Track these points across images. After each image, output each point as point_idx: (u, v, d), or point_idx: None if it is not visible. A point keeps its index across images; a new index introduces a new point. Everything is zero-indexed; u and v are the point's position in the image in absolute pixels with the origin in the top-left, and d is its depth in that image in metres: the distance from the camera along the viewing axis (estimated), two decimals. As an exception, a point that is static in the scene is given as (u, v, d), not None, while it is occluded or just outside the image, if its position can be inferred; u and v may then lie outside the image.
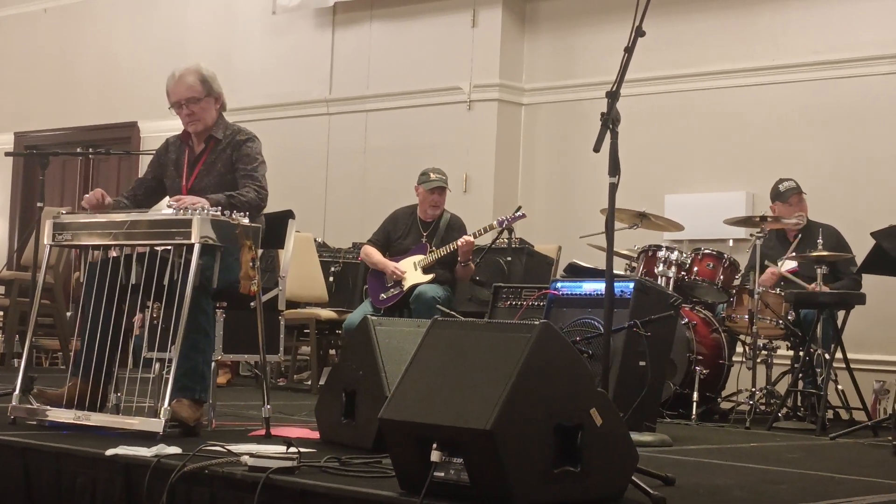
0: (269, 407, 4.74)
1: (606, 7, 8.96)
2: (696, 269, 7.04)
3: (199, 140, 5.12)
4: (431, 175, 7.49)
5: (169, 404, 4.35)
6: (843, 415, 6.93)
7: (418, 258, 7.36)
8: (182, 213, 4.49)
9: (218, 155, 5.07)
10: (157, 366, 4.81)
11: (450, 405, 3.13)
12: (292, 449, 3.55)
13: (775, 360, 7.03)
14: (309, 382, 8.33)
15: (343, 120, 10.21)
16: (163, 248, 4.57)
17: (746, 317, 6.84)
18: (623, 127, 4.09)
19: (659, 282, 6.82)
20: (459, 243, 7.18)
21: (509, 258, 7.69)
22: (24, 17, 12.66)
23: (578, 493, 3.17)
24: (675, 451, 4.97)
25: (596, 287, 5.43)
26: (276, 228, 5.23)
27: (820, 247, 6.71)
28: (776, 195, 7.38)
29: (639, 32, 4.14)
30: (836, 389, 6.82)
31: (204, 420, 4.76)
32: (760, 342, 6.84)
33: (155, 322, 4.79)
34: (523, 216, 7.37)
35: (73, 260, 8.85)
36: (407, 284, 7.28)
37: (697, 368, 6.72)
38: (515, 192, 9.40)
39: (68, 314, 8.82)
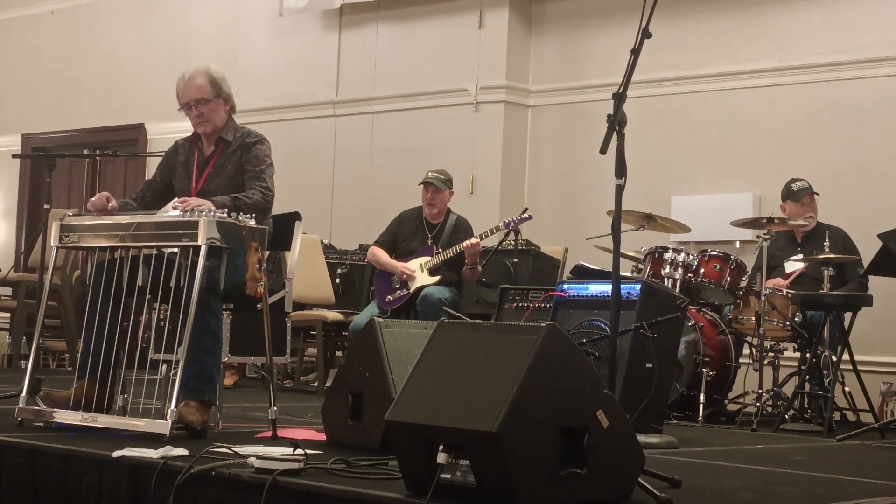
0: (275, 409, 4.75)
1: (613, 9, 8.96)
2: (702, 270, 7.03)
3: (208, 142, 5.12)
4: (429, 174, 7.50)
5: (176, 406, 4.35)
6: (850, 417, 6.92)
7: (424, 260, 7.37)
8: (188, 214, 4.49)
9: (228, 157, 5.06)
10: (164, 367, 4.81)
11: (456, 407, 3.13)
12: (299, 451, 3.55)
13: (782, 362, 7.02)
14: (315, 384, 8.33)
15: (349, 122, 10.21)
16: (169, 249, 4.58)
17: (753, 318, 6.83)
18: (629, 128, 4.09)
19: (665, 283, 6.81)
20: (465, 245, 7.18)
21: (516, 260, 7.68)
22: (30, 20, 12.69)
23: (585, 495, 3.17)
24: (681, 452, 4.96)
25: (602, 289, 5.43)
26: (282, 230, 5.23)
27: (827, 249, 6.71)
28: (788, 194, 7.36)
29: (645, 34, 4.14)
30: (843, 391, 6.81)
31: (210, 422, 4.76)
32: (767, 344, 6.83)
33: (162, 324, 4.79)
34: (529, 218, 7.37)
35: (82, 263, 8.88)
36: (413, 286, 7.28)
37: (704, 370, 6.71)
38: (522, 193, 9.40)
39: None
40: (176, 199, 4.80)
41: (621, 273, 4.31)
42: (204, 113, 5.04)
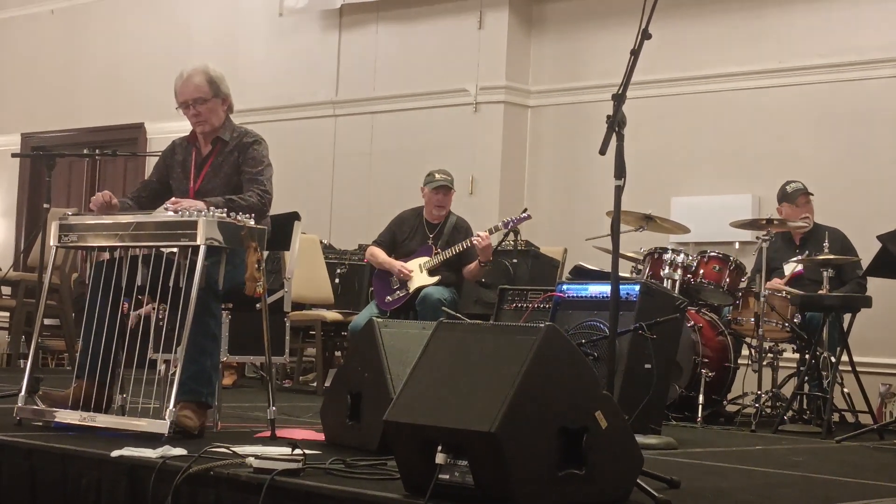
0: (274, 408, 4.75)
1: (612, 10, 8.96)
2: (701, 271, 7.03)
3: (205, 142, 5.12)
4: (437, 175, 7.49)
5: (174, 406, 4.35)
6: (849, 418, 6.91)
7: (423, 260, 7.36)
8: (185, 214, 4.49)
9: (225, 157, 5.06)
10: (163, 367, 4.81)
11: (455, 407, 3.13)
12: (297, 451, 3.55)
13: (781, 363, 7.02)
14: (314, 384, 8.33)
15: (349, 122, 10.21)
16: (168, 249, 4.57)
17: (752, 319, 6.83)
18: (629, 129, 4.09)
19: (665, 284, 6.81)
20: (475, 241, 7.13)
21: (515, 260, 7.68)
22: (30, 19, 12.69)
23: (583, 496, 3.17)
24: (680, 453, 4.96)
25: (601, 289, 5.43)
26: (281, 230, 5.23)
27: (826, 250, 6.71)
28: (783, 196, 7.38)
29: (645, 35, 4.14)
30: (842, 392, 6.81)
31: (209, 422, 4.76)
32: (766, 345, 6.83)
33: (160, 324, 4.79)
34: (528, 217, 7.36)
35: (81, 262, 8.88)
36: (412, 286, 7.28)
37: (703, 371, 6.71)
38: (521, 194, 9.40)
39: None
40: (169, 200, 4.79)
41: (620, 274, 4.30)
42: (201, 112, 5.04)
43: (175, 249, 4.55)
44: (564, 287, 5.65)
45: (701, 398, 6.64)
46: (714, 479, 4.22)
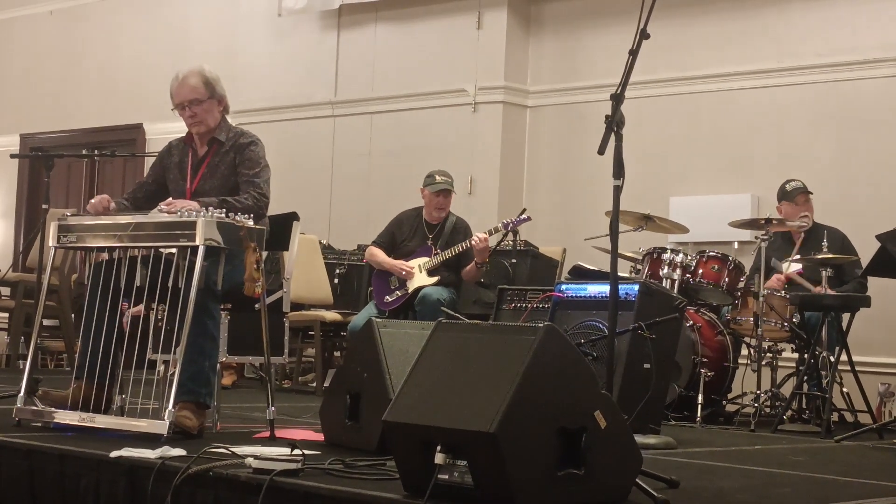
0: (273, 409, 4.75)
1: (611, 10, 8.96)
2: (700, 271, 7.03)
3: (202, 142, 5.12)
4: (437, 178, 7.48)
5: (173, 406, 4.35)
6: (848, 417, 6.92)
7: (423, 260, 7.36)
8: (184, 215, 4.49)
9: (221, 158, 5.06)
10: (162, 368, 4.81)
11: (454, 407, 3.13)
12: (296, 451, 3.55)
13: (780, 363, 7.02)
14: (314, 384, 8.33)
15: (348, 122, 10.21)
16: (167, 250, 4.57)
17: (751, 319, 6.83)
18: (627, 129, 4.09)
19: (664, 284, 6.81)
20: (474, 242, 7.13)
21: (514, 260, 7.68)
22: (29, 20, 12.68)
23: (582, 496, 3.17)
24: (679, 453, 4.96)
25: (600, 289, 5.43)
26: (280, 230, 5.23)
27: (825, 249, 6.71)
28: (783, 195, 7.38)
29: (643, 35, 4.14)
30: (841, 392, 6.81)
31: (208, 422, 4.76)
32: (765, 345, 6.83)
33: (159, 324, 4.79)
34: (528, 219, 7.36)
35: (80, 263, 8.88)
36: (412, 287, 7.28)
37: (702, 371, 6.71)
38: (520, 194, 9.40)
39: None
40: (163, 201, 4.79)
41: (619, 274, 4.30)
42: (197, 113, 5.04)
43: (174, 250, 4.55)
44: (563, 287, 5.65)
45: (700, 398, 6.64)
46: (713, 479, 4.22)
